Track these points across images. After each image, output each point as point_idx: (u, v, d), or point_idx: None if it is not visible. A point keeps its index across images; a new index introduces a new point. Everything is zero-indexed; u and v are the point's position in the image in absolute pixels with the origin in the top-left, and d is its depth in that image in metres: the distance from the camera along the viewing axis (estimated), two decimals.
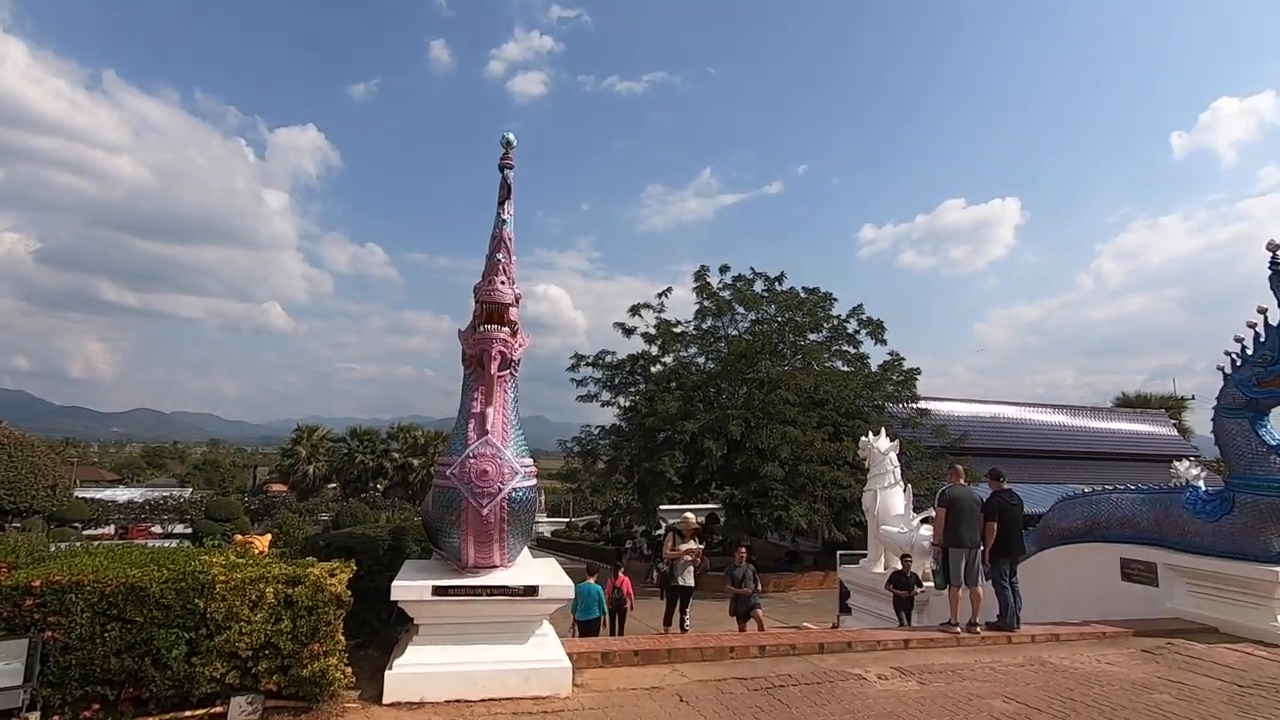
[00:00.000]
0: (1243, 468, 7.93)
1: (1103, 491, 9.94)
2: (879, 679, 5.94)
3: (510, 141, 5.68)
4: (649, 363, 28.09)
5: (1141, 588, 8.96)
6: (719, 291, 27.25)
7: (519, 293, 5.59)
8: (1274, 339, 7.80)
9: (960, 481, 7.88)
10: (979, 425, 31.53)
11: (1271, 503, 7.61)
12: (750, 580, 11.76)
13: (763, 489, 22.91)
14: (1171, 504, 8.68)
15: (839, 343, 27.25)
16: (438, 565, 5.62)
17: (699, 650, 6.32)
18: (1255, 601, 7.66)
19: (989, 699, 5.46)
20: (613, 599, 11.82)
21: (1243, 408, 8.03)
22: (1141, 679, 6.05)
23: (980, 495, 7.89)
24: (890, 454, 12.90)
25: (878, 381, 26.39)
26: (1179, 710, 5.27)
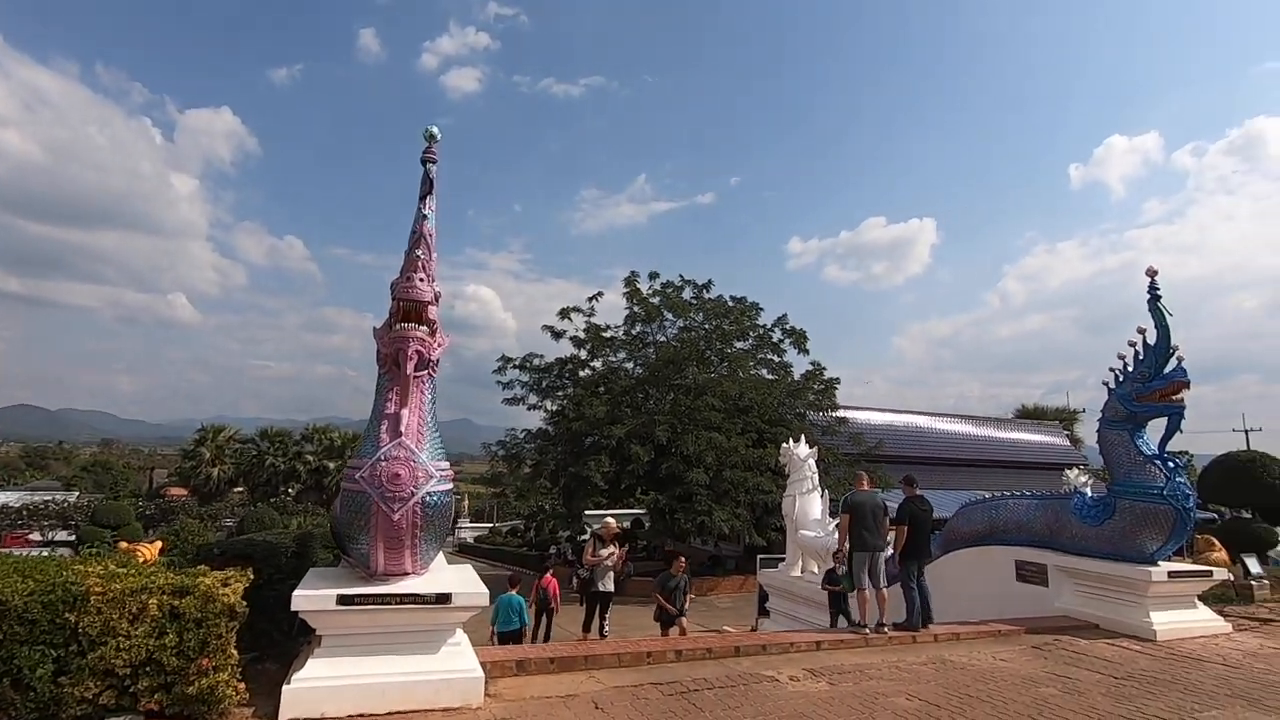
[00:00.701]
0: (1123, 475, 8.59)
1: (1002, 497, 10.54)
2: (791, 680, 6.07)
3: (433, 135, 5.52)
4: (578, 367, 27.95)
5: (1035, 588, 9.54)
6: (649, 297, 27.43)
7: (439, 291, 5.43)
8: (1151, 358, 8.49)
9: (864, 487, 8.20)
10: (893, 433, 32.94)
11: (1147, 508, 8.27)
12: (682, 593, 11.70)
13: (687, 494, 23.14)
14: (1061, 509, 9.30)
15: (764, 351, 27.91)
16: (345, 573, 5.38)
17: (617, 656, 6.28)
18: (1132, 599, 8.28)
19: (893, 697, 5.67)
20: (538, 599, 11.79)
21: (1124, 420, 8.70)
22: (1031, 674, 6.43)
23: (884, 500, 8.25)
24: (809, 460, 13.27)
25: (800, 390, 27.17)
26: (1062, 702, 5.63)
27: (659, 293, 27.48)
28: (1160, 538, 8.26)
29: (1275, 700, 5.77)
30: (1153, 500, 8.17)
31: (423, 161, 5.56)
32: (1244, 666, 6.88)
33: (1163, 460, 8.34)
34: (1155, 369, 8.43)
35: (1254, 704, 5.67)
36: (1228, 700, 5.76)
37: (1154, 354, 8.47)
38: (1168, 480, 8.19)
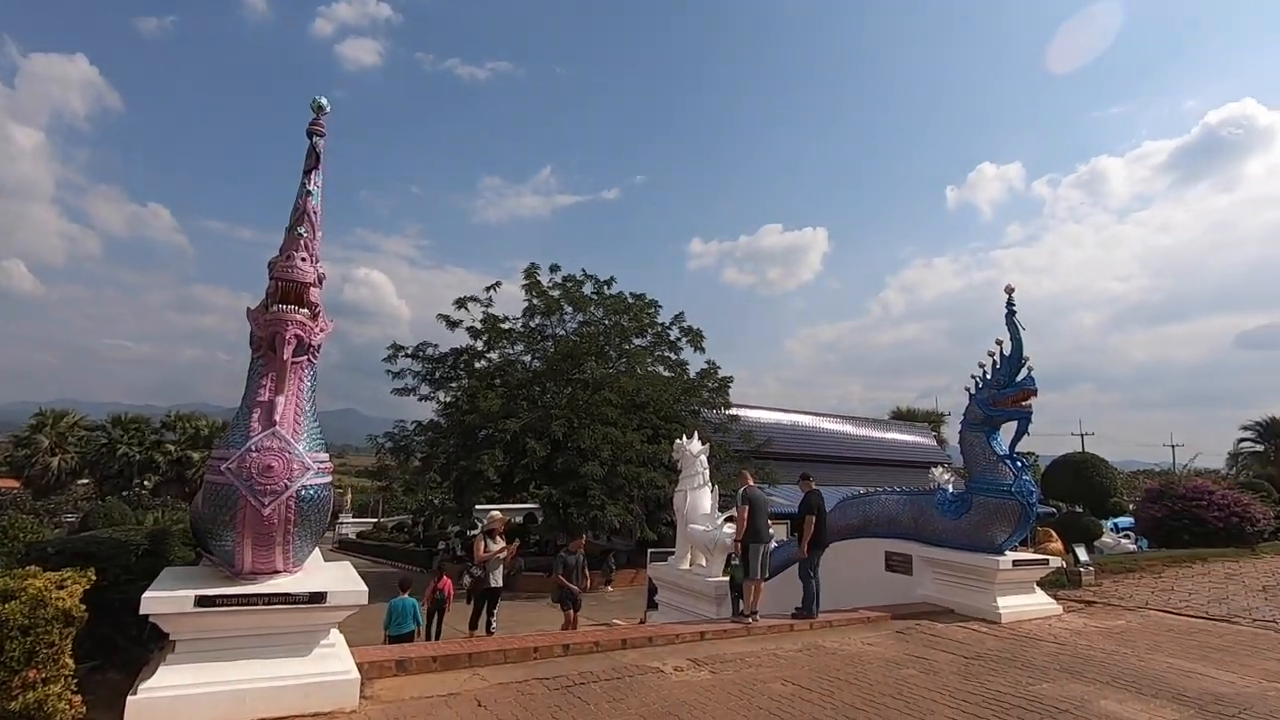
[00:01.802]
0: (979, 474, 9.42)
1: (875, 493, 11.28)
2: (675, 671, 6.22)
3: (322, 106, 5.20)
4: (473, 358, 27.28)
5: (901, 577, 10.28)
6: (549, 290, 27.19)
7: (323, 272, 5.12)
8: (1006, 368, 9.36)
9: (750, 483, 8.59)
10: (781, 432, 34.46)
11: (998, 503, 9.12)
12: (580, 572, 11.71)
13: (581, 489, 23.16)
14: (926, 504, 10.08)
15: (662, 349, 28.38)
16: (206, 572, 4.97)
17: (503, 653, 6.20)
18: (982, 586, 9.11)
19: (770, 683, 5.94)
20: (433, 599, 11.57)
21: (981, 423, 9.54)
22: (893, 657, 6.93)
23: (770, 495, 8.70)
24: (701, 457, 13.62)
25: (695, 387, 27.84)
26: (920, 681, 6.10)
27: (559, 286, 27.30)
28: (1008, 530, 9.14)
29: (1093, 672, 6.54)
30: (1003, 496, 9.02)
31: (309, 134, 5.22)
32: (1070, 644, 7.74)
33: (1012, 460, 9.23)
34: (1009, 378, 9.30)
35: (1076, 676, 6.40)
36: (1057, 674, 6.47)
37: (1009, 364, 9.34)
38: (1016, 478, 9.07)
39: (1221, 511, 17.91)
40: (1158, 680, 6.35)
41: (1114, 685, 6.15)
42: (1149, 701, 5.73)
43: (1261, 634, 8.54)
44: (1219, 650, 7.62)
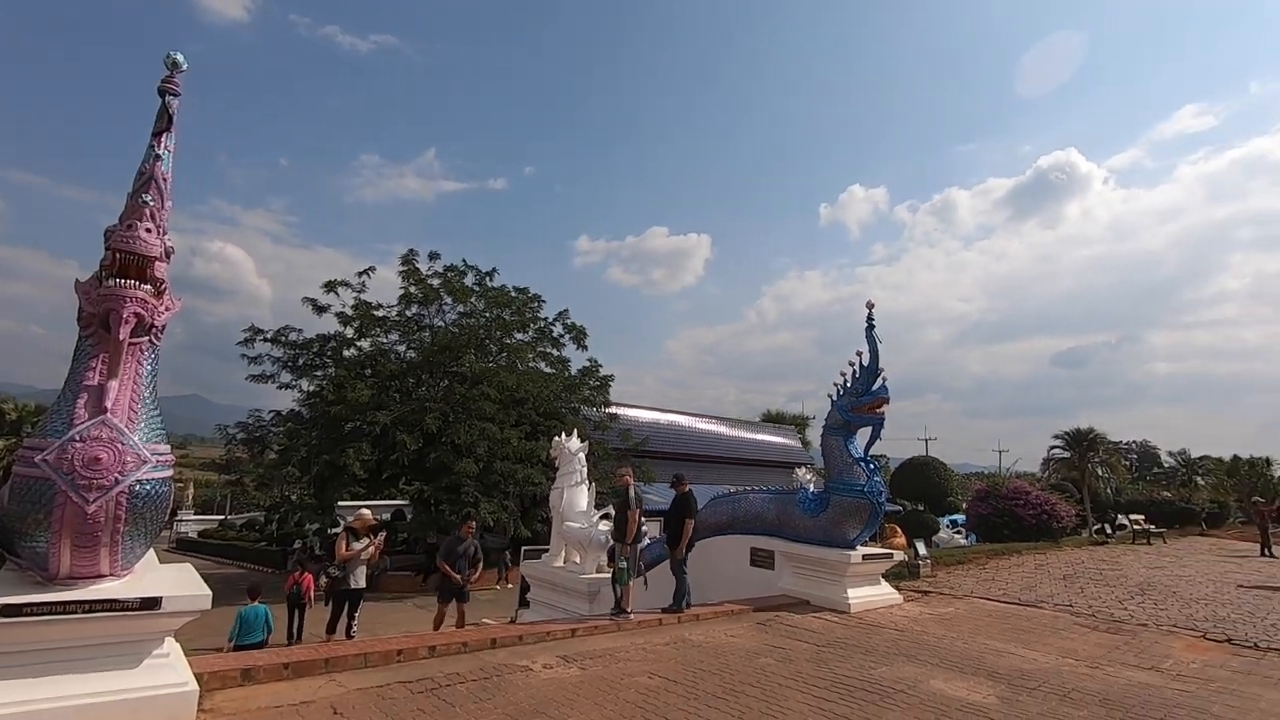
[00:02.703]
0: (836, 474, 10.14)
1: (743, 492, 11.84)
2: (544, 669, 6.22)
3: (177, 63, 4.72)
4: (342, 345, 25.73)
5: (765, 571, 10.85)
6: (428, 278, 26.16)
7: (171, 245, 4.65)
8: (864, 377, 10.14)
9: (631, 482, 8.80)
10: (659, 431, 35.25)
11: (853, 502, 9.86)
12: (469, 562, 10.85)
13: (455, 485, 22.51)
14: (789, 503, 10.71)
15: (544, 344, 28.14)
16: (10, 577, 4.37)
17: (363, 656, 5.91)
18: (835, 578, 9.81)
19: (637, 677, 6.08)
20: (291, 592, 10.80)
21: (841, 428, 10.27)
22: (753, 647, 7.32)
23: (646, 493, 8.89)
24: (580, 454, 13.68)
25: (576, 385, 27.85)
26: (776, 669, 6.49)
27: (439, 275, 26.34)
28: (860, 526, 9.91)
29: (925, 655, 7.24)
30: (857, 496, 9.77)
31: (161, 92, 4.72)
32: (908, 630, 8.52)
33: (866, 463, 10.02)
34: (866, 386, 10.08)
35: (911, 659, 7.06)
36: (895, 658, 7.10)
37: (866, 374, 10.13)
38: (868, 479, 9.86)
39: (1035, 510, 20.36)
40: (977, 660, 7.14)
41: (942, 666, 6.84)
42: (969, 679, 6.42)
43: (1060, 617, 9.81)
44: (1026, 632, 8.68)
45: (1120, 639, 8.48)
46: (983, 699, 5.85)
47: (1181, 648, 8.15)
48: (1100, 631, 8.90)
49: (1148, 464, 65.41)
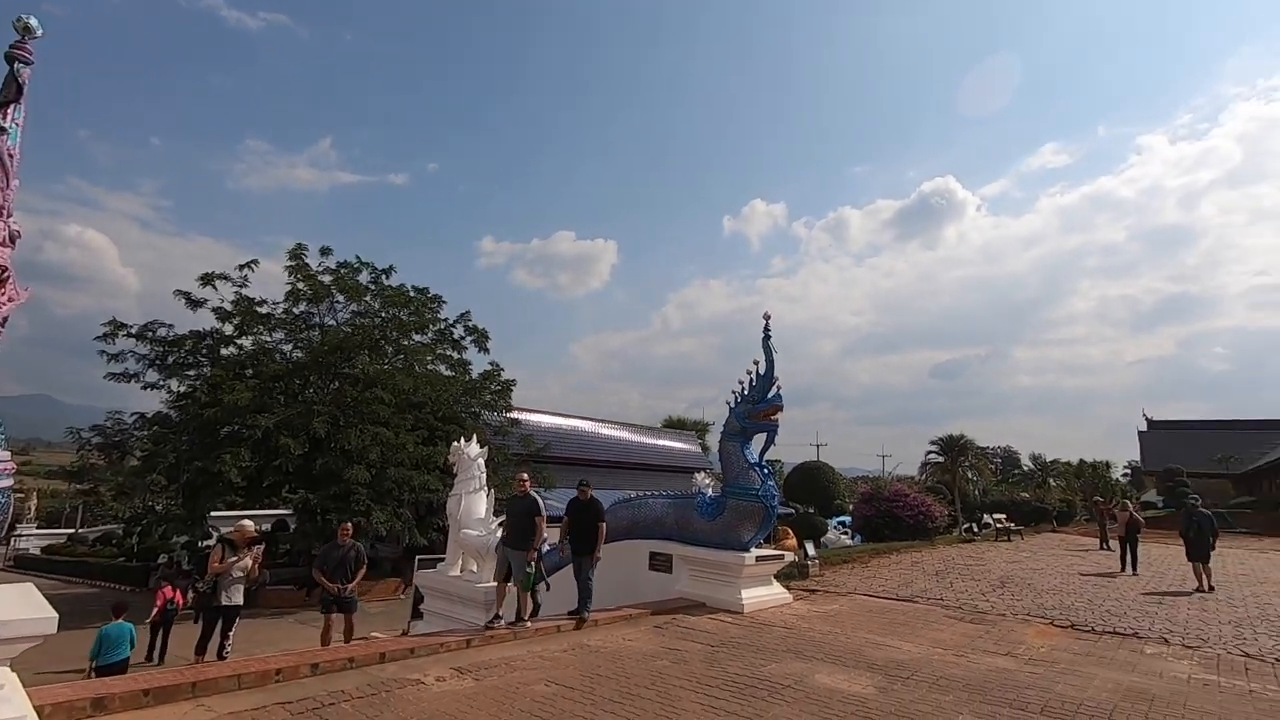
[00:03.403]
0: (732, 479, 10.47)
1: (643, 497, 11.98)
2: (437, 681, 6.04)
3: (30, 28, 4.25)
4: (220, 343, 23.89)
5: (663, 575, 11.02)
6: (318, 274, 24.77)
7: (18, 229, 4.18)
8: (760, 385, 10.54)
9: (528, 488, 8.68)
10: (561, 436, 35.02)
11: (748, 506, 10.21)
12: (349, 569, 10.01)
13: (344, 493, 21.37)
14: (687, 507, 10.95)
15: (444, 346, 27.31)
16: None
17: (236, 678, 5.51)
18: (729, 580, 10.11)
19: (534, 685, 6.02)
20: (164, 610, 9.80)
21: (737, 434, 10.63)
22: (650, 650, 7.42)
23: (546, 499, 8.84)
24: (479, 460, 13.36)
25: (477, 389, 27.19)
26: (671, 670, 6.61)
27: (331, 272, 25.00)
28: (754, 529, 10.27)
29: (811, 651, 7.61)
30: (751, 500, 10.13)
31: (9, 59, 4.24)
32: (796, 628, 8.91)
33: (760, 468, 10.41)
34: (762, 394, 10.49)
35: (798, 655, 7.40)
36: (783, 654, 7.41)
37: (762, 382, 10.54)
38: (763, 484, 10.25)
39: (912, 511, 21.83)
40: (858, 653, 7.58)
41: (826, 661, 7.22)
42: (850, 671, 6.81)
43: (932, 610, 10.58)
44: (902, 625, 9.30)
45: (983, 628, 9.25)
46: (862, 690, 6.21)
47: (1033, 634, 9.00)
48: (966, 622, 9.67)
49: (1010, 467, 71.71)
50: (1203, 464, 55.60)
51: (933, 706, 5.81)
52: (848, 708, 5.69)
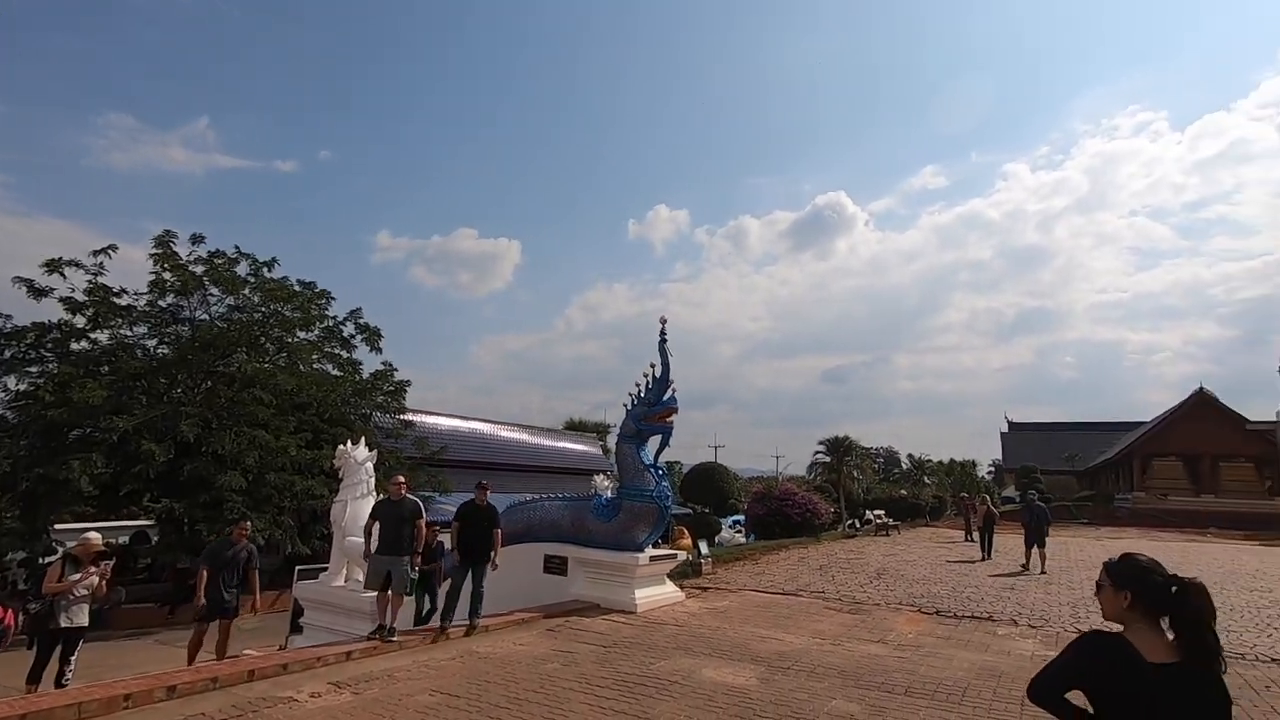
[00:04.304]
0: (628, 481, 10.59)
1: (539, 499, 11.88)
2: (312, 698, 5.73)
3: None
4: (69, 337, 21.52)
5: (558, 578, 10.96)
6: (189, 264, 22.84)
7: None
8: (656, 388, 10.72)
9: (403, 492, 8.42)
10: (459, 439, 34.08)
11: (642, 506, 10.35)
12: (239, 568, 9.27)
13: (216, 501, 19.79)
14: (583, 509, 10.96)
15: (332, 344, 25.88)
16: None
17: (76, 706, 5.00)
18: (624, 581, 10.21)
19: (418, 695, 5.84)
20: None
21: (633, 436, 10.75)
22: (541, 653, 7.37)
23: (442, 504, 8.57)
24: (367, 464, 12.81)
25: (368, 389, 25.96)
26: (562, 673, 6.60)
27: (205, 261, 23.09)
28: (648, 530, 10.43)
29: (700, 647, 7.82)
30: (645, 500, 10.28)
31: None
32: (687, 625, 9.13)
33: (655, 469, 10.59)
34: (658, 397, 10.67)
35: (688, 651, 7.58)
36: (673, 651, 7.57)
37: (658, 385, 10.72)
38: (657, 484, 10.43)
39: (800, 509, 22.86)
40: (744, 647, 7.86)
41: (714, 655, 7.44)
42: (736, 665, 7.06)
43: (814, 603, 11.14)
44: (786, 618, 9.74)
45: (859, 618, 9.85)
46: (745, 682, 6.46)
47: (903, 622, 9.67)
48: (844, 613, 10.26)
49: (891, 466, 76.69)
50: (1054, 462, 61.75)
51: (809, 694, 6.13)
52: (731, 700, 5.90)
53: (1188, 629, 2.11)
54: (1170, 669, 2.09)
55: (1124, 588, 2.24)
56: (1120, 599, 2.25)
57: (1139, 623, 2.21)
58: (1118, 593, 2.26)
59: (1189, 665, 2.08)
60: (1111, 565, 2.34)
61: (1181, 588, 2.17)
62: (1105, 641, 2.22)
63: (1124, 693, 2.12)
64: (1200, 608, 2.12)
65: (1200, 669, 2.08)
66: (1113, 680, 2.14)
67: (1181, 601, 2.15)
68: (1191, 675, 2.07)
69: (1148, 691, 2.08)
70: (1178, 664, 2.09)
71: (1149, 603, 2.19)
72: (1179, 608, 2.14)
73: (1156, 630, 2.19)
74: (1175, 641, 2.14)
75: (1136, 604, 2.22)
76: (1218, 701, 2.06)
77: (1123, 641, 2.20)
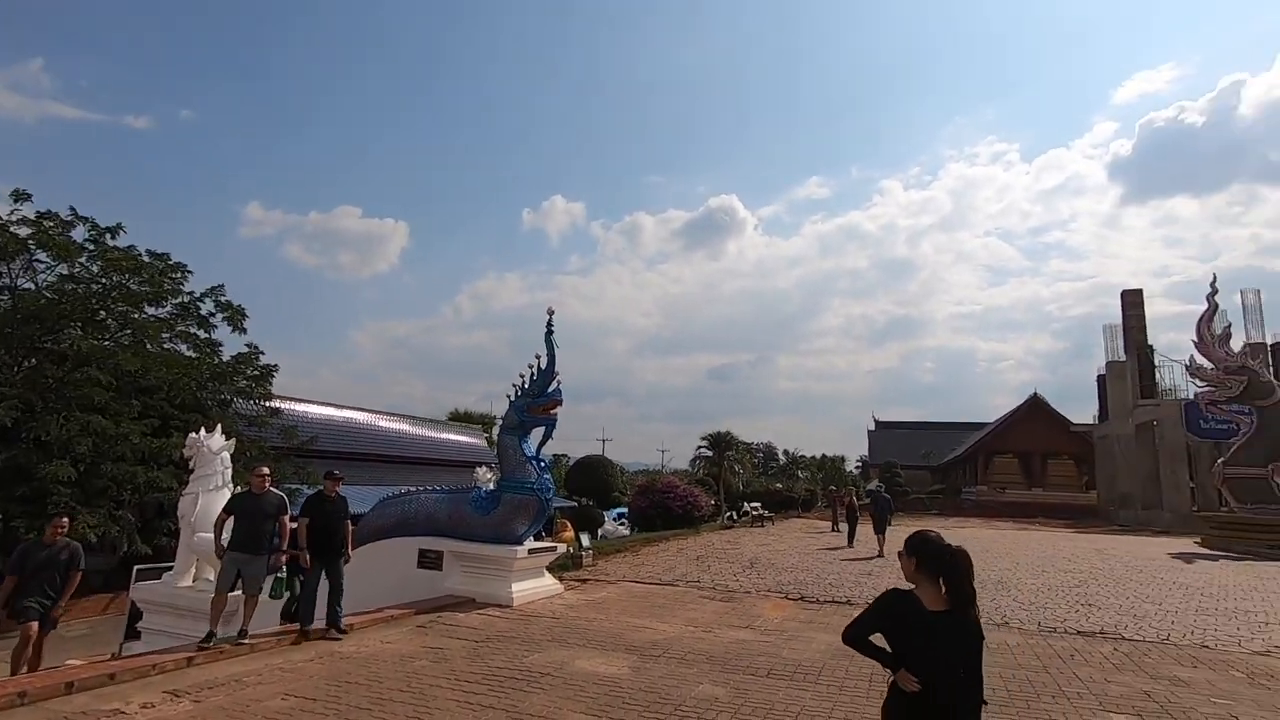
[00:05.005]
0: (509, 473, 10.44)
1: (415, 492, 11.45)
2: (143, 709, 5.22)
3: None
4: None
5: (433, 573, 10.61)
6: (9, 224, 20.04)
7: None
8: (541, 379, 10.63)
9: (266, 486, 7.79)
10: (333, 428, 32.22)
11: (523, 499, 10.24)
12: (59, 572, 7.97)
13: (40, 494, 17.55)
14: (461, 502, 10.68)
15: (188, 323, 23.61)
16: None
17: None
18: (501, 574, 10.06)
19: (268, 701, 5.47)
20: None
21: (516, 428, 10.61)
22: (409, 651, 7.12)
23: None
24: (223, 454, 11.85)
25: (228, 373, 23.93)
26: (430, 670, 6.41)
27: (31, 223, 20.35)
28: (528, 522, 10.33)
29: (575, 638, 7.85)
30: (526, 493, 10.18)
31: None
32: (564, 617, 9.13)
33: (537, 461, 10.50)
34: (542, 388, 10.59)
35: (562, 643, 7.59)
36: (548, 644, 7.55)
37: (543, 377, 10.63)
38: (538, 477, 10.35)
39: (681, 501, 23.47)
40: (619, 637, 7.97)
41: (589, 646, 7.49)
42: (609, 655, 7.14)
43: (689, 592, 11.48)
44: (662, 608, 9.97)
45: (730, 606, 10.25)
46: (617, 671, 6.55)
47: (770, 607, 10.17)
48: (717, 601, 10.65)
49: (770, 461, 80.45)
50: (913, 458, 67.21)
51: (679, 680, 6.31)
52: (602, 689, 5.96)
53: (952, 584, 2.81)
54: (941, 614, 2.80)
55: (912, 555, 2.92)
56: (910, 564, 2.93)
57: (924, 581, 2.88)
58: (908, 559, 2.94)
59: (955, 612, 2.79)
60: (908, 539, 3.01)
61: (950, 553, 2.85)
62: (898, 596, 2.94)
63: (908, 633, 2.84)
64: (959, 568, 2.81)
65: (961, 615, 2.79)
66: (902, 624, 2.87)
67: (951, 564, 2.82)
68: (955, 619, 2.79)
69: (925, 631, 2.78)
70: (947, 611, 2.80)
71: (929, 567, 2.87)
72: (949, 569, 2.82)
73: (936, 587, 2.85)
74: (946, 594, 2.83)
75: (921, 567, 2.89)
76: (973, 636, 2.78)
77: (912, 596, 2.90)
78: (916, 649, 2.81)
